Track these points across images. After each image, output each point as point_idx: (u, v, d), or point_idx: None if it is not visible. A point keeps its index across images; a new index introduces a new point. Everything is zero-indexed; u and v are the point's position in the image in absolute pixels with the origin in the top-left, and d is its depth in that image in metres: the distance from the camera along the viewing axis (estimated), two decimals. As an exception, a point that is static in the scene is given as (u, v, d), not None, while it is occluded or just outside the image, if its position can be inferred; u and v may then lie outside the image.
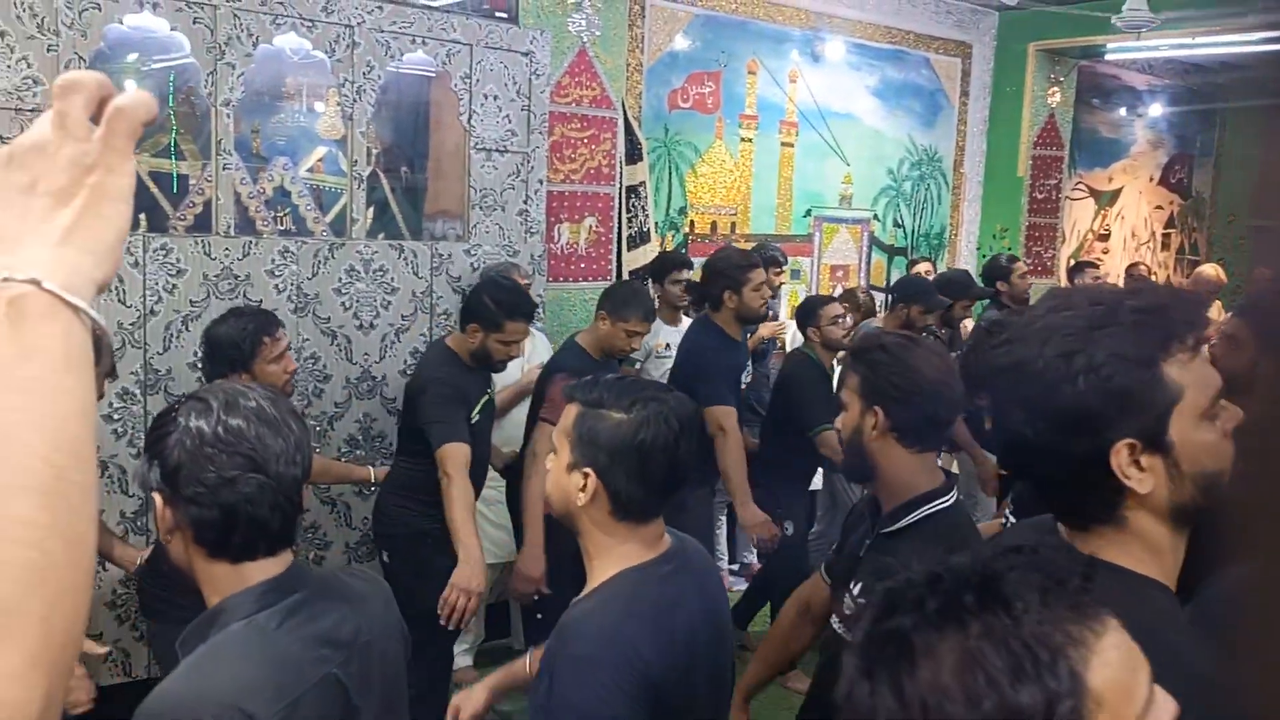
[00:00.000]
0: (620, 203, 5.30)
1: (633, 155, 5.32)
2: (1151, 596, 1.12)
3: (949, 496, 1.97)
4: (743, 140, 6.24)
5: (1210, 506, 1.10)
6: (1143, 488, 1.09)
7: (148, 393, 3.54)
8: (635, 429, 1.62)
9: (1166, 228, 10.01)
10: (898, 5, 6.86)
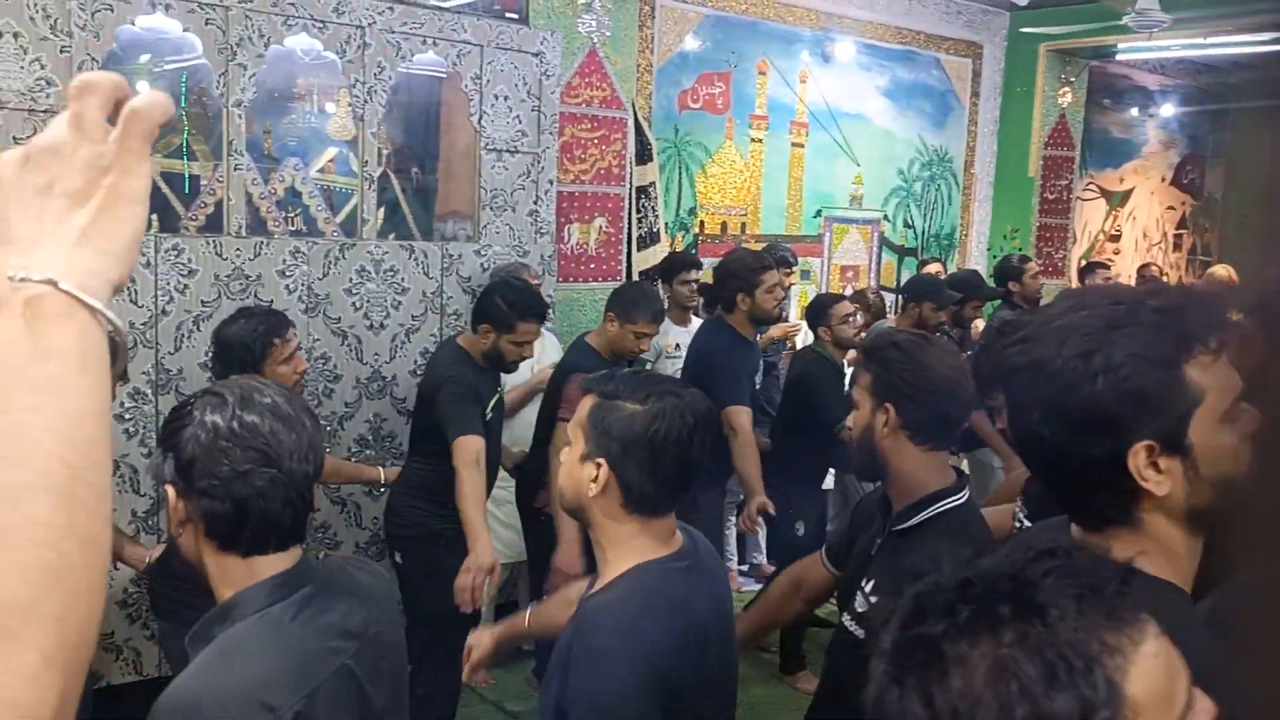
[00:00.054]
0: (630, 203, 5.30)
1: (643, 156, 5.32)
2: (1167, 600, 1.10)
3: (961, 495, 1.96)
4: (753, 141, 6.24)
5: (1226, 510, 1.09)
6: (1160, 490, 1.08)
7: (159, 392, 3.55)
8: (649, 421, 1.62)
9: (1178, 228, 9.97)
10: (908, 6, 6.85)
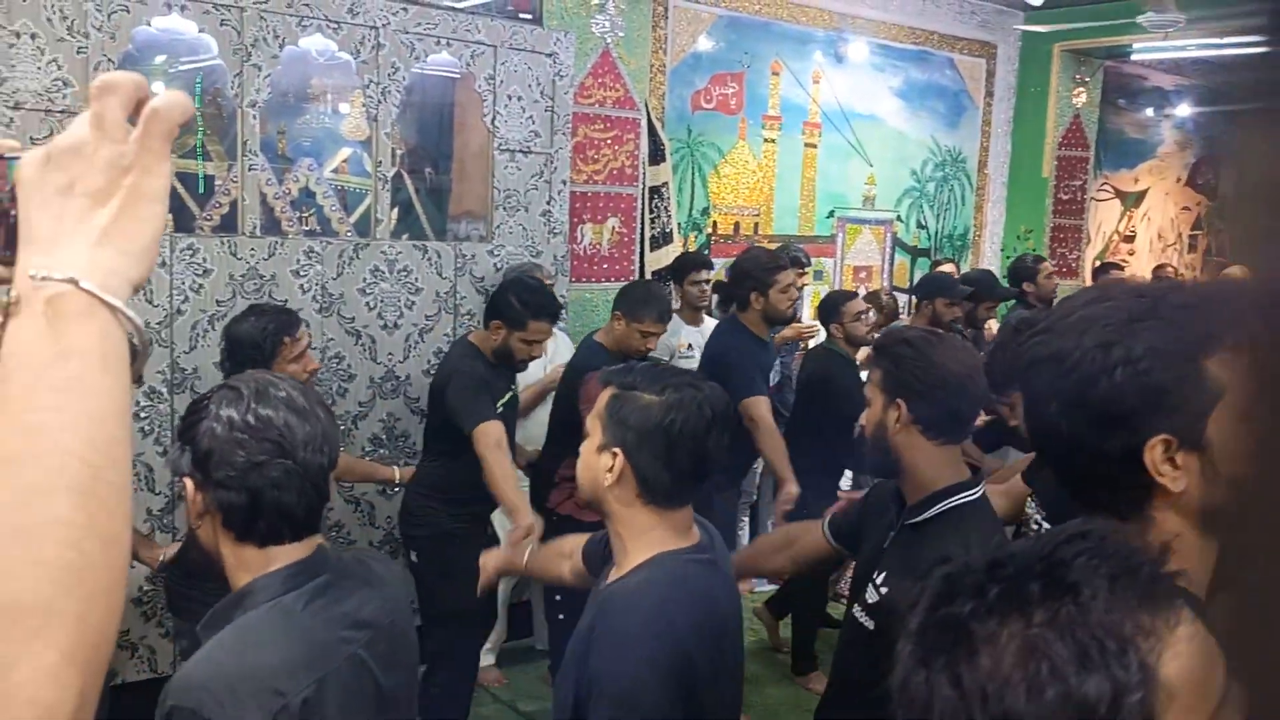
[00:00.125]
0: (643, 203, 5.30)
1: (656, 156, 5.32)
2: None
3: (975, 490, 1.96)
4: (766, 141, 6.23)
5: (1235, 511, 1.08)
6: (1176, 486, 1.06)
7: (174, 391, 3.56)
8: (665, 411, 1.63)
9: (1194, 229, 9.91)
10: (921, 6, 6.83)
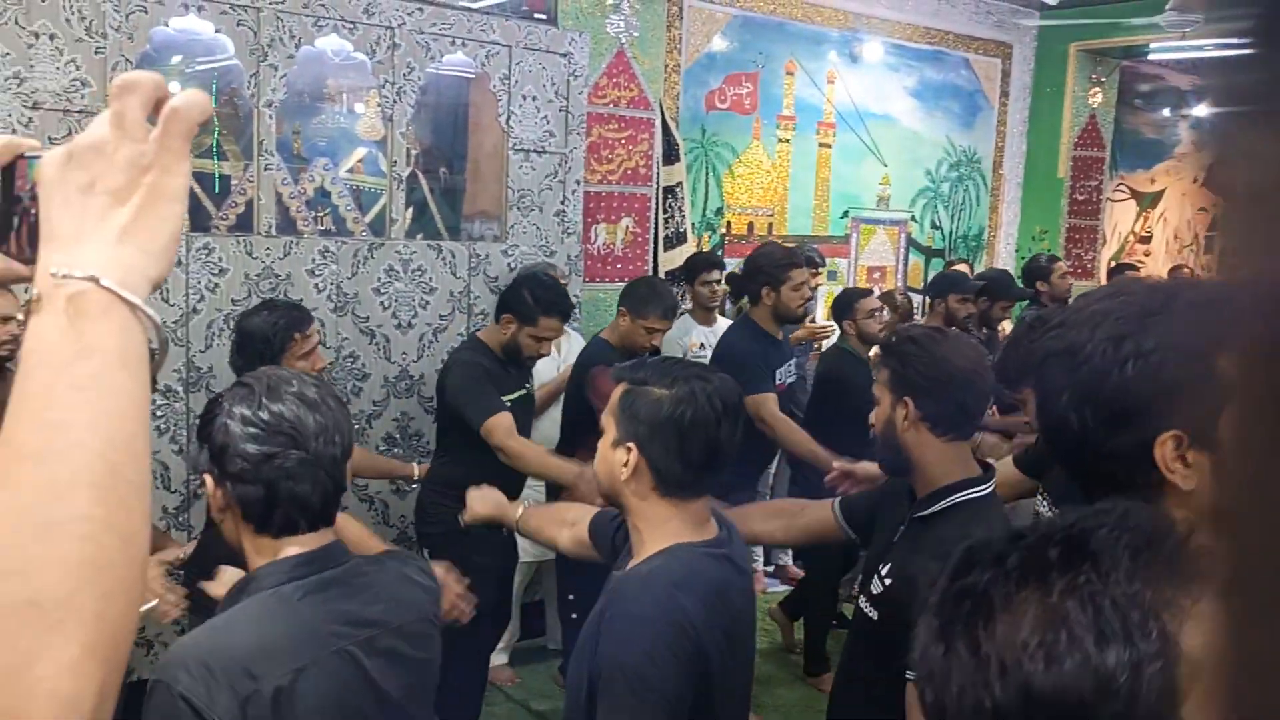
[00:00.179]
0: (657, 203, 5.30)
1: (670, 156, 5.32)
2: None
3: (986, 486, 1.97)
4: (780, 141, 6.22)
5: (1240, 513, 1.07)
6: (1186, 484, 1.04)
7: (190, 390, 3.58)
8: (674, 404, 1.65)
9: (1210, 230, 9.86)
10: (937, 6, 6.81)
